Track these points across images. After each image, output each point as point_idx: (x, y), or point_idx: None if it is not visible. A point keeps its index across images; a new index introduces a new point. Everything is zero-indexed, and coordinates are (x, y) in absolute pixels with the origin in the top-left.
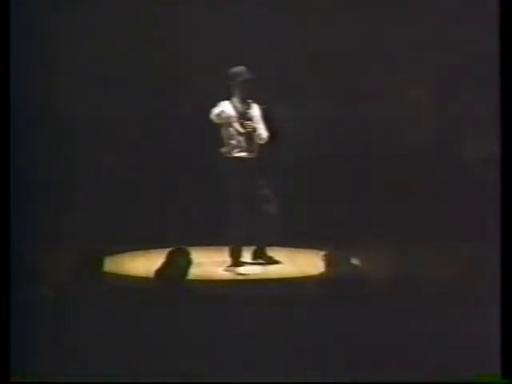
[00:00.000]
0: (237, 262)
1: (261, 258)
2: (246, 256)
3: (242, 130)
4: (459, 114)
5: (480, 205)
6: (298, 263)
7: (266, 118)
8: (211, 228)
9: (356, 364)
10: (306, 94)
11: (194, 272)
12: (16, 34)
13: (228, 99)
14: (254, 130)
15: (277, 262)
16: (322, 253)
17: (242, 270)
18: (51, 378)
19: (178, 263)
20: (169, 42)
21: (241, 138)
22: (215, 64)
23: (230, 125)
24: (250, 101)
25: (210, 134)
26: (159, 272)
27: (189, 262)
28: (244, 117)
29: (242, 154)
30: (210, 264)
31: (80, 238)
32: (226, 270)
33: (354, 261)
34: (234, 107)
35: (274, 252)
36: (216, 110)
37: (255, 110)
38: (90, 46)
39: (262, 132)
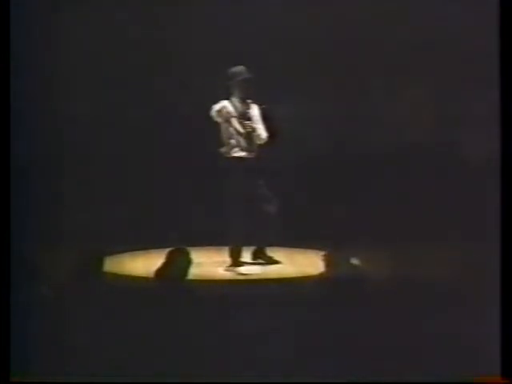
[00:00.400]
0: (237, 262)
1: (261, 258)
2: (246, 256)
3: (241, 129)
4: (459, 113)
5: (480, 205)
6: (298, 263)
7: (266, 118)
8: (211, 228)
9: (356, 364)
10: (305, 93)
11: (194, 272)
12: (16, 34)
13: (227, 99)
14: (254, 129)
15: (277, 262)
16: (322, 253)
17: (242, 269)
18: (51, 378)
19: (177, 263)
20: (169, 42)
21: (240, 138)
22: (215, 64)
23: (229, 124)
24: (249, 101)
25: (210, 134)
26: (159, 272)
27: (189, 262)
28: (243, 116)
29: (242, 154)
30: (210, 264)
31: (80, 237)
32: (226, 270)
33: (354, 261)
34: (234, 107)
35: (273, 252)
36: (217, 107)
37: (254, 110)
38: (90, 46)
39: (262, 132)
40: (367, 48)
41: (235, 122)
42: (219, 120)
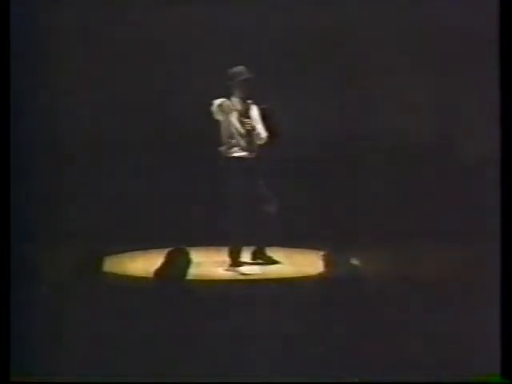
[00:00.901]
0: (236, 262)
1: (260, 258)
2: (246, 256)
3: (241, 128)
4: (459, 114)
5: (480, 204)
6: (298, 263)
7: (266, 118)
8: (211, 228)
9: (356, 364)
10: (305, 93)
11: (194, 272)
12: (16, 34)
13: (228, 99)
14: (254, 128)
15: (276, 262)
16: (322, 253)
17: (241, 269)
18: (51, 378)
19: (177, 263)
20: (169, 42)
21: (240, 138)
22: (215, 64)
23: (230, 122)
24: (249, 101)
25: (210, 134)
26: (159, 272)
27: (189, 262)
28: (243, 116)
29: (242, 154)
30: (210, 264)
31: (80, 237)
32: (226, 270)
33: (354, 261)
34: (234, 106)
35: (273, 252)
36: (218, 101)
37: (254, 110)
38: (90, 46)
39: (261, 132)
40: (367, 48)
41: (235, 121)
42: (220, 116)
